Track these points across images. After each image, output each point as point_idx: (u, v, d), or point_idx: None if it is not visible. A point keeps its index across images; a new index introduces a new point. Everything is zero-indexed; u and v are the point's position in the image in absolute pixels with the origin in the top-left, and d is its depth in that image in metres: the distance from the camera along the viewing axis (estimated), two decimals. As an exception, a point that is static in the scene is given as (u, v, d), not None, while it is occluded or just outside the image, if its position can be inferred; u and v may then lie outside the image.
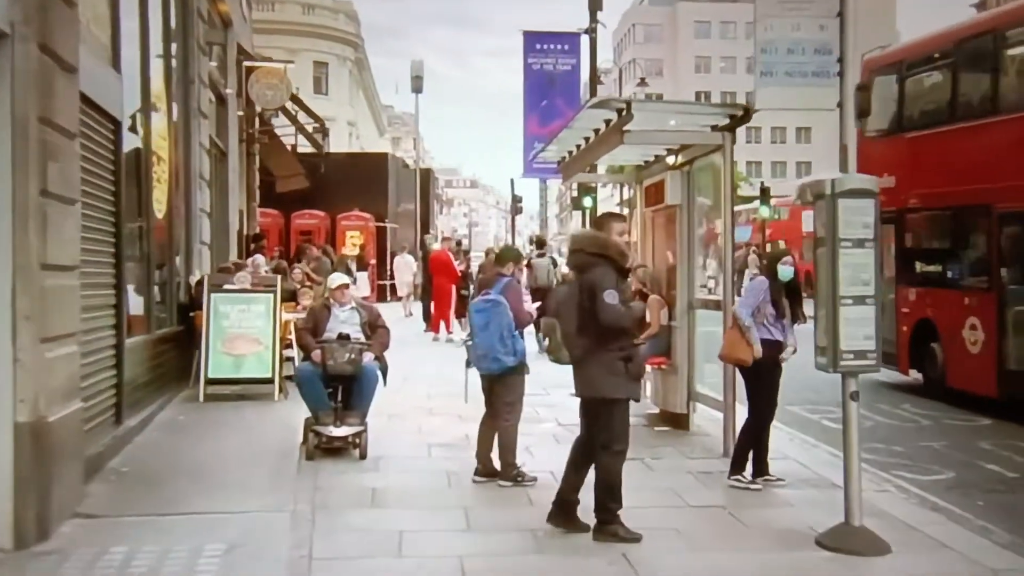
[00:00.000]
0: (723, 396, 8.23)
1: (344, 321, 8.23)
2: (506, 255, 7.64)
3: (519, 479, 7.04)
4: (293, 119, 21.03)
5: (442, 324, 17.84)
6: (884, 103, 12.52)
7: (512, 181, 43.41)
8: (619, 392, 5.76)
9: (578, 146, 10.61)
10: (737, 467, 7.26)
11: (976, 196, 11.00)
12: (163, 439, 8.57)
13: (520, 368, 7.11)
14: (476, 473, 7.22)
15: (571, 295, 5.89)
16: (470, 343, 7.26)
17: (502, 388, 7.16)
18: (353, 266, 28.25)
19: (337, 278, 8.53)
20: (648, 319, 9.00)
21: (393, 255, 29.82)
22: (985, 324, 10.94)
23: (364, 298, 27.83)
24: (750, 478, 7.23)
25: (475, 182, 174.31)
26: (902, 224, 12.43)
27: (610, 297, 5.60)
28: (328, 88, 48.28)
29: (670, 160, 9.68)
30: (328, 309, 8.33)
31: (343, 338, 7.98)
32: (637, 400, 6.03)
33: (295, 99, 20.62)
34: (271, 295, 10.69)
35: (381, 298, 28.92)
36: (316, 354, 7.95)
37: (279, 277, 11.56)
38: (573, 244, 6.13)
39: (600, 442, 5.84)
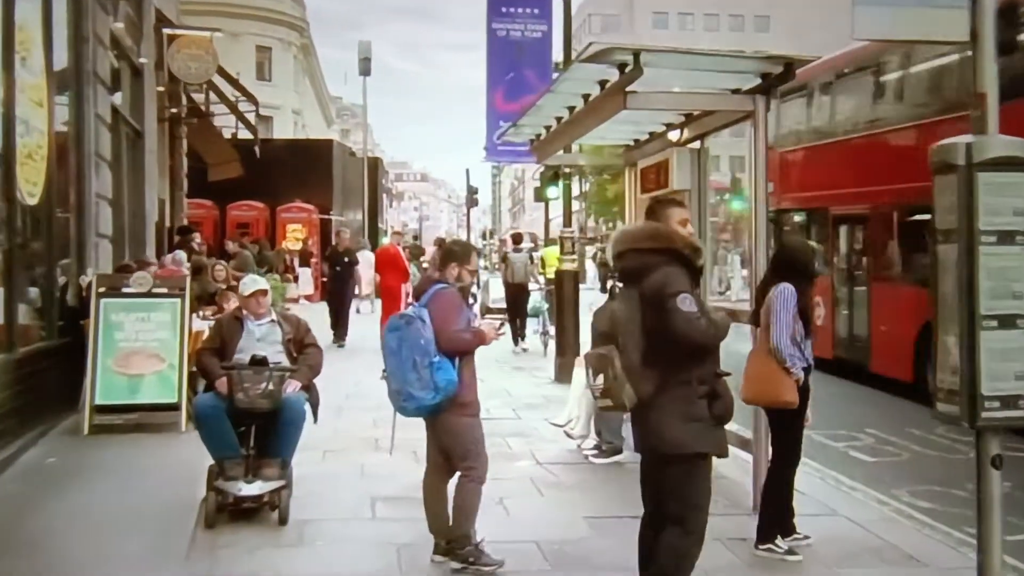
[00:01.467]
0: (752, 435, 6.40)
1: (261, 339, 6.25)
2: (451, 253, 5.44)
3: (473, 561, 5.13)
4: (222, 96, 18.84)
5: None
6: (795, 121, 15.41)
7: (468, 172, 41.30)
8: (700, 444, 4.06)
9: (559, 119, 8.76)
10: (768, 533, 5.48)
11: (819, 201, 14.34)
12: (17, 492, 6.49)
13: (457, 405, 5.08)
14: (435, 550, 5.30)
15: (629, 312, 4.09)
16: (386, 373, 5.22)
17: (444, 436, 5.21)
18: (296, 262, 26.40)
19: (251, 283, 6.51)
20: None
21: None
22: (825, 302, 10.34)
23: (307, 297, 26.24)
24: (785, 547, 5.45)
25: (425, 175, 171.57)
26: (779, 222, 14.60)
27: (685, 303, 3.92)
28: (271, 74, 45.73)
29: (673, 136, 7.86)
30: (240, 322, 6.34)
31: (258, 362, 5.99)
32: (724, 456, 4.24)
33: (225, 75, 18.43)
34: (178, 300, 8.62)
35: (326, 296, 26.80)
36: (221, 383, 5.96)
37: (188, 277, 9.45)
38: (621, 243, 4.30)
39: (669, 514, 4.12)
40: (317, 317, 20.60)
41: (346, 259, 16.15)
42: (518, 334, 15.41)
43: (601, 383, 4.04)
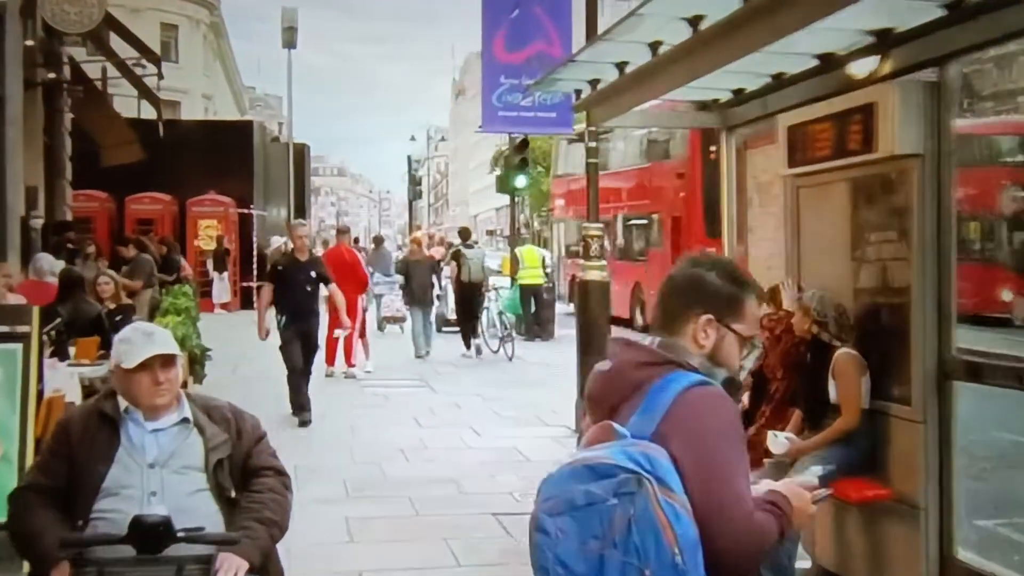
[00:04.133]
0: None
1: (158, 463, 2.89)
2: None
3: None
4: (110, 55, 15.04)
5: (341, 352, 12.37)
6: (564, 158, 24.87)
7: (409, 158, 37.57)
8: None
9: (621, 65, 5.61)
10: None
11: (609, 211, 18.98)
12: None
13: None
14: None
15: None
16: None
17: None
18: (209, 264, 22.59)
19: (141, 341, 3.02)
20: (833, 397, 4.49)
21: (260, 250, 23.92)
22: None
23: (223, 305, 22.32)
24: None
25: (343, 170, 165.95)
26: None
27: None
28: (179, 55, 41.37)
29: (865, 66, 4.70)
30: (112, 426, 2.96)
31: (151, 531, 2.63)
32: None
33: (116, 26, 14.64)
34: (17, 347, 5.08)
35: (246, 304, 23.01)
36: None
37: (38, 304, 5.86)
38: None
39: None
40: (237, 331, 16.98)
41: (313, 274, 9.47)
42: (471, 336, 14.77)
43: None
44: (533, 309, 16.91)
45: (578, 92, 6.71)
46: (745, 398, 5.17)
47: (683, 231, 17.41)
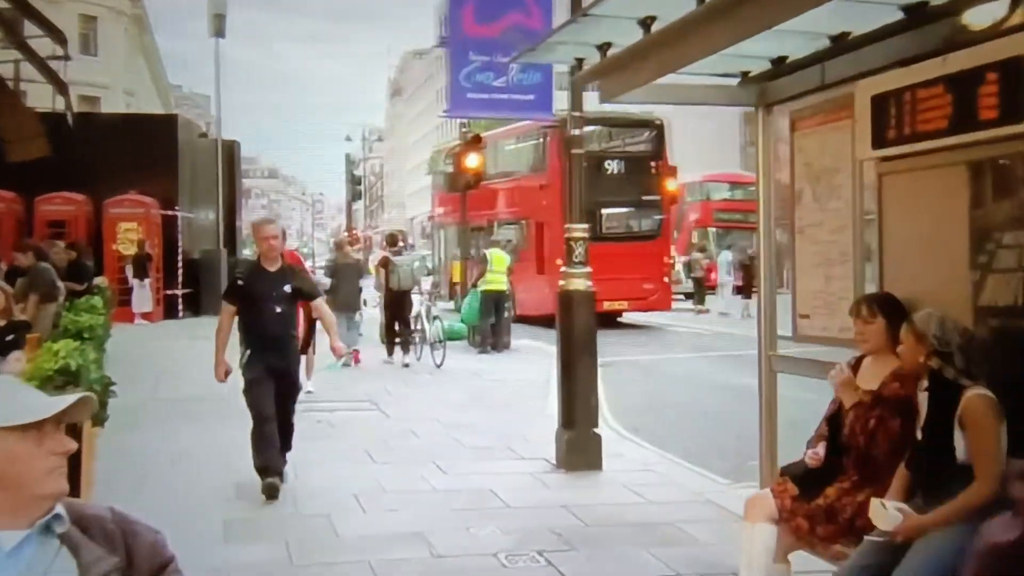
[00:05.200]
0: None
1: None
2: None
3: None
4: (10, 33, 13.34)
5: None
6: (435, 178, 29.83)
7: (348, 156, 35.86)
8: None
9: (646, 22, 4.41)
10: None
11: (482, 218, 22.48)
12: None
13: None
14: None
15: None
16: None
17: None
18: (129, 271, 20.79)
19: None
20: (962, 454, 3.39)
21: (187, 255, 22.17)
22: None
23: (144, 315, 20.52)
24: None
25: (275, 171, 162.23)
26: (468, 231, 22.24)
27: None
28: (98, 48, 39.18)
29: (980, 19, 3.55)
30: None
31: None
32: None
33: (27, 9, 12.93)
34: None
35: (170, 314, 21.27)
36: None
37: None
38: None
39: None
40: (160, 344, 15.37)
41: (288, 288, 6.86)
42: (396, 345, 14.38)
43: None
44: (493, 319, 15.71)
45: (580, 62, 5.45)
46: (820, 449, 3.97)
47: (547, 235, 18.61)
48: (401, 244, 16.67)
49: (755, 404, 5.62)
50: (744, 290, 23.65)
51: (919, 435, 3.50)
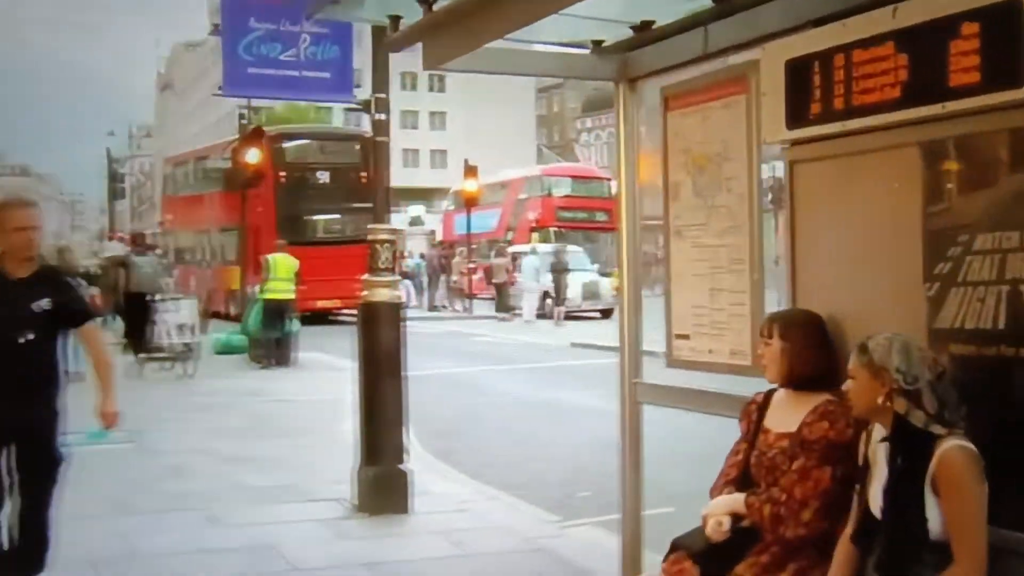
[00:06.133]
0: None
1: None
2: None
3: None
4: None
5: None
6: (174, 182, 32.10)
7: (108, 151, 32.50)
8: None
9: None
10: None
11: (198, 225, 27.89)
12: None
13: None
14: None
15: None
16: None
17: None
18: None
19: None
20: (937, 526, 2.47)
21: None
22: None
23: None
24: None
25: (26, 170, 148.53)
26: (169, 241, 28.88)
27: None
28: None
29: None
30: None
31: None
32: None
33: None
34: None
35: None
36: None
37: None
38: None
39: None
40: None
41: (45, 304, 4.26)
42: (137, 348, 13.64)
43: None
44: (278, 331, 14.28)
45: (396, 21, 4.32)
46: (725, 518, 3.05)
47: (262, 239, 19.41)
48: (150, 245, 15.86)
49: (575, 423, 4.71)
50: (555, 297, 23.17)
51: (879, 500, 2.65)
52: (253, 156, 15.57)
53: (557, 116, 77.97)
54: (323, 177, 23.01)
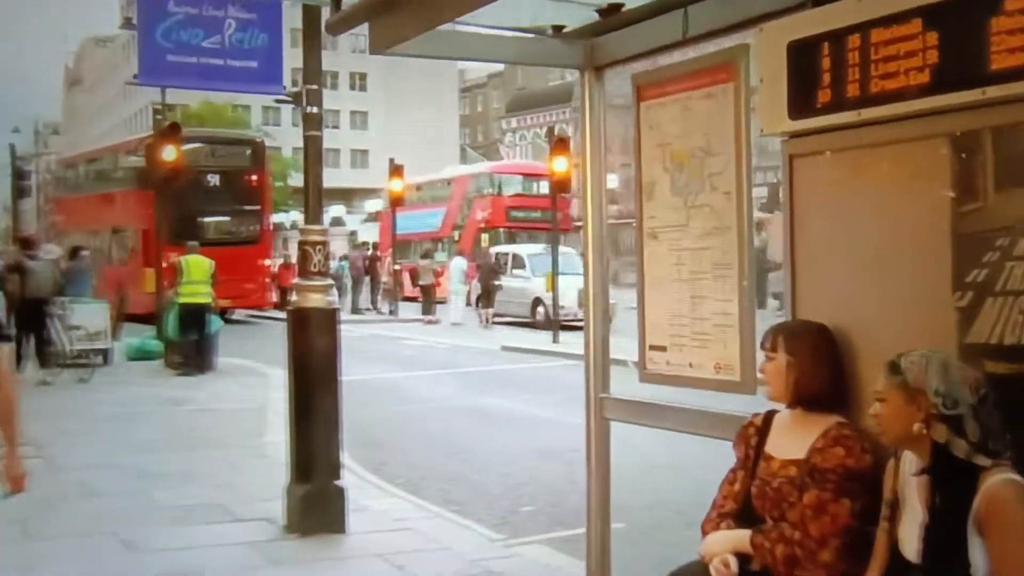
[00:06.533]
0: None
1: None
2: None
3: None
4: None
5: None
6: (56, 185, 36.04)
7: (13, 148, 30.82)
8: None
9: None
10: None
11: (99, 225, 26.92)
12: None
13: None
14: None
15: None
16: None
17: None
18: None
19: None
20: (984, 569, 1.86)
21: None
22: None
23: None
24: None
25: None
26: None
27: None
28: None
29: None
30: None
31: None
32: None
33: None
34: None
35: None
36: None
37: None
38: None
39: None
40: None
41: None
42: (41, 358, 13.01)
43: None
44: (196, 335, 13.58)
45: (338, 2, 3.87)
46: (731, 559, 2.70)
47: (152, 240, 19.41)
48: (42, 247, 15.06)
49: (512, 431, 4.34)
50: (484, 298, 22.64)
51: (913, 541, 2.32)
52: (170, 153, 14.77)
53: (481, 116, 77.66)
54: (215, 180, 24.04)
